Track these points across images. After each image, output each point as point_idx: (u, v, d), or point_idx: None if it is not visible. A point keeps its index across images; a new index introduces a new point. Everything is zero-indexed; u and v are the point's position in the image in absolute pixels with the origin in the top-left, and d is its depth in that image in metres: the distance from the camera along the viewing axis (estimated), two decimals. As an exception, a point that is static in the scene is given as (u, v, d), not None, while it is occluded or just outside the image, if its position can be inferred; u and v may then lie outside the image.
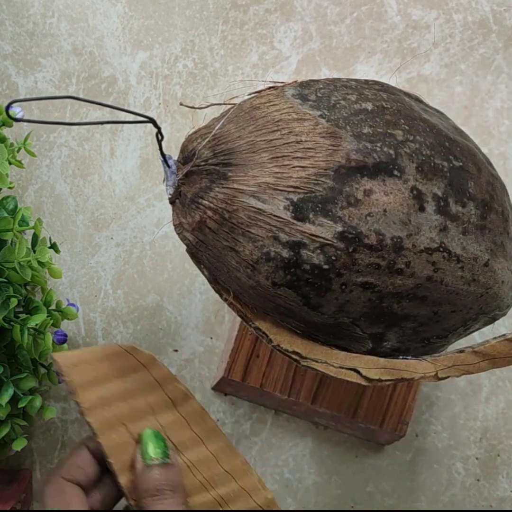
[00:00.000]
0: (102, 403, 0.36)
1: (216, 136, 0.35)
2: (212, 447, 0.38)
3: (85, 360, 0.37)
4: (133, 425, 0.37)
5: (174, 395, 0.38)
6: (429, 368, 0.37)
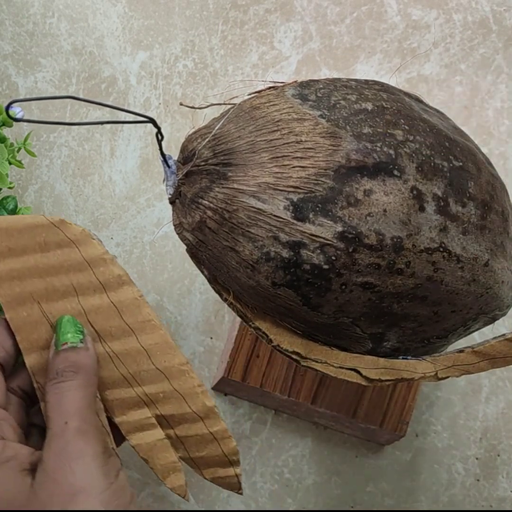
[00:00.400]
0: (13, 276, 0.33)
1: (216, 136, 0.35)
2: (145, 341, 0.35)
3: (1, 229, 0.33)
4: (48, 304, 0.34)
5: (106, 279, 0.34)
6: (429, 368, 0.37)
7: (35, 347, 0.34)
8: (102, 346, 0.35)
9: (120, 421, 0.35)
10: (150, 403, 0.35)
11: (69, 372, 0.33)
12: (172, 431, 0.36)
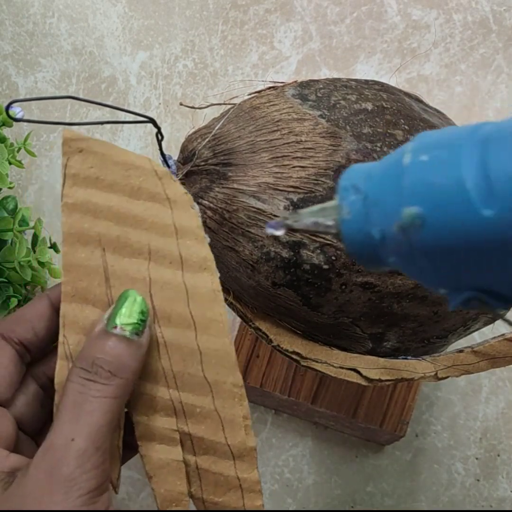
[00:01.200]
0: (88, 208, 0.28)
1: (216, 136, 0.35)
2: (204, 342, 0.29)
3: (98, 152, 0.28)
4: (113, 256, 0.29)
5: (189, 255, 0.29)
6: (429, 368, 0.37)
7: (78, 297, 0.29)
8: (153, 326, 0.29)
9: (139, 420, 0.29)
10: (181, 414, 0.29)
11: (106, 371, 0.27)
12: (194, 458, 0.29)
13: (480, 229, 0.17)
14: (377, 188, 0.20)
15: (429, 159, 0.18)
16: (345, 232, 0.21)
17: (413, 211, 0.18)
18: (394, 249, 0.19)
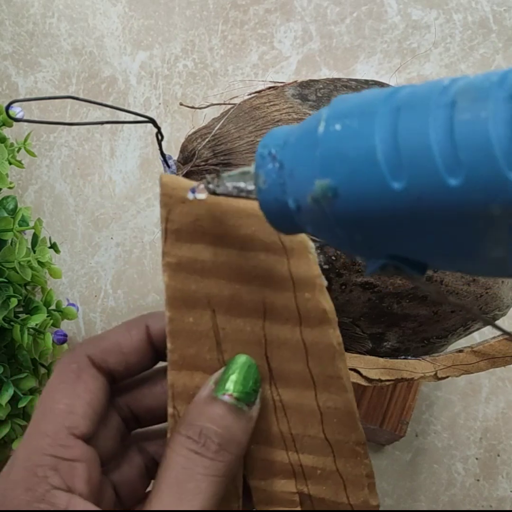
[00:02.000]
0: (195, 268, 0.25)
1: (216, 136, 0.35)
2: (324, 402, 0.26)
3: (203, 202, 0.24)
4: (225, 317, 0.25)
5: (308, 310, 0.25)
6: (429, 368, 0.37)
7: (187, 365, 0.26)
8: (270, 389, 0.26)
9: (256, 485, 0.27)
10: (301, 476, 0.27)
11: (216, 444, 0.24)
12: None
13: (390, 201, 0.17)
14: (292, 157, 0.19)
15: (342, 128, 0.18)
16: (262, 200, 0.21)
17: (325, 183, 0.18)
18: (309, 219, 0.19)
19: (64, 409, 0.24)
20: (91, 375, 0.25)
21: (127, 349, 0.26)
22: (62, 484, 0.23)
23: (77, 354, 0.26)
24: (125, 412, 0.28)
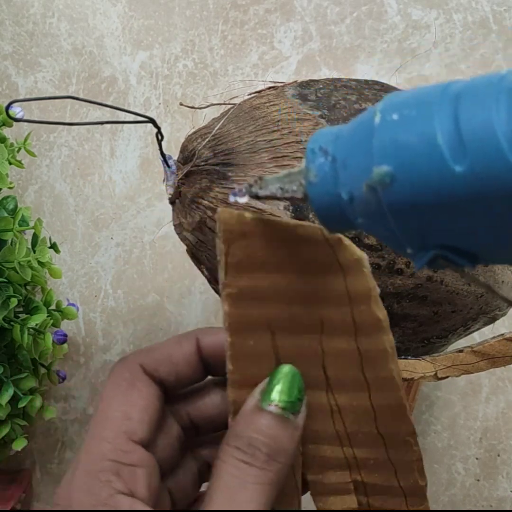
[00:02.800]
0: (255, 296, 0.26)
1: (216, 136, 0.35)
2: (377, 401, 0.27)
3: (263, 233, 0.25)
4: (284, 337, 0.26)
5: (363, 321, 0.26)
6: (429, 368, 0.37)
7: (249, 384, 0.27)
8: (326, 396, 0.27)
9: (313, 479, 0.29)
10: (355, 467, 0.29)
11: (264, 454, 0.24)
12: (366, 499, 0.29)
13: (450, 185, 0.17)
14: (346, 149, 0.20)
15: (399, 118, 0.18)
16: (312, 194, 0.21)
17: (382, 169, 0.18)
18: (362, 209, 0.19)
19: (121, 415, 0.25)
20: (144, 382, 0.26)
21: (178, 360, 0.27)
22: (125, 488, 0.24)
23: (130, 363, 0.26)
24: (185, 420, 0.28)
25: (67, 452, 0.53)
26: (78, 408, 0.54)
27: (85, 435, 0.25)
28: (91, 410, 0.54)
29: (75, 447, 0.53)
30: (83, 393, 0.54)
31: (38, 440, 0.53)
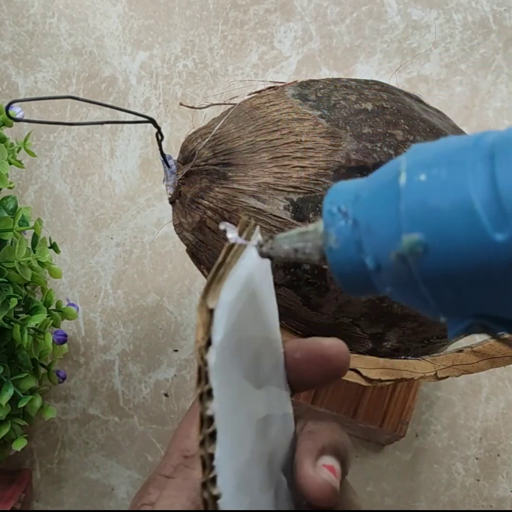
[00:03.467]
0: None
1: (216, 136, 0.35)
2: None
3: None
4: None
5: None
6: (429, 368, 0.37)
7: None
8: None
9: None
10: None
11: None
12: None
13: (490, 254, 0.15)
14: (368, 212, 0.18)
15: (428, 179, 0.16)
16: (333, 261, 0.19)
17: (413, 238, 0.16)
18: (391, 279, 0.18)
19: (182, 434, 0.26)
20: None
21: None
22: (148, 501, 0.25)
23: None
24: None
25: (67, 452, 0.53)
26: (78, 408, 0.54)
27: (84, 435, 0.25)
28: (91, 410, 0.54)
29: (75, 447, 0.53)
30: (83, 393, 0.54)
31: (38, 440, 0.53)
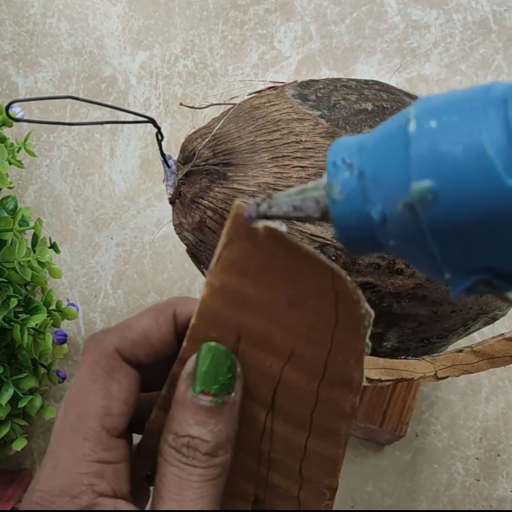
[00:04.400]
0: (236, 299, 0.24)
1: (216, 136, 0.35)
2: (313, 446, 0.26)
3: (268, 245, 0.23)
4: (248, 346, 0.25)
5: (334, 373, 0.25)
6: (429, 368, 0.37)
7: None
8: (265, 416, 0.26)
9: None
10: (263, 486, 0.27)
11: (203, 454, 0.24)
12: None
13: (503, 201, 0.15)
14: (375, 162, 0.17)
15: (439, 125, 0.16)
16: (337, 214, 0.18)
17: (423, 185, 0.16)
18: (396, 231, 0.17)
19: (101, 412, 0.24)
20: (123, 372, 0.25)
21: (156, 340, 0.25)
22: (109, 490, 0.23)
23: (105, 348, 0.25)
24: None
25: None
26: (78, 408, 0.54)
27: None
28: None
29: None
30: (83, 393, 0.54)
31: (38, 440, 0.53)
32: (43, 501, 0.23)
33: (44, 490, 0.23)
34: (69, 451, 0.24)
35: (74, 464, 0.23)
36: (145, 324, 0.26)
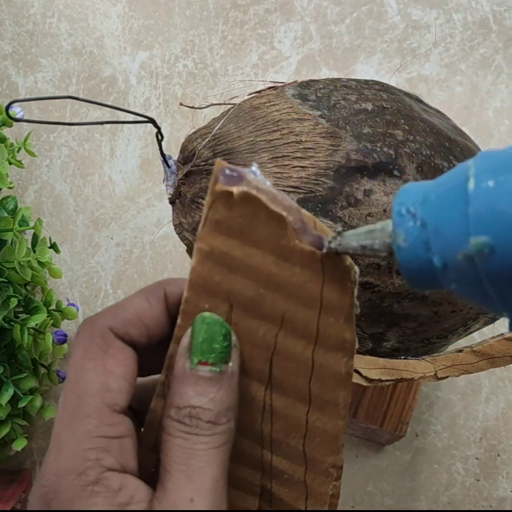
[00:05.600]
0: (225, 262, 0.24)
1: (216, 136, 0.35)
2: (314, 421, 0.26)
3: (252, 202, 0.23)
4: (240, 315, 0.25)
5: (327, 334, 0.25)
6: (429, 368, 0.37)
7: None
8: (264, 392, 0.26)
9: None
10: (268, 473, 0.27)
11: (205, 422, 0.24)
12: (269, 508, 0.28)
13: None
14: (437, 215, 0.19)
15: (496, 185, 0.18)
16: (402, 259, 0.21)
17: (481, 240, 0.18)
18: (457, 276, 0.19)
19: (100, 388, 0.24)
20: (118, 348, 0.25)
21: (148, 320, 0.26)
22: (116, 464, 0.23)
23: (99, 327, 0.25)
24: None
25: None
26: (78, 408, 0.54)
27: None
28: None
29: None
30: (83, 393, 0.54)
31: (38, 440, 0.53)
32: (50, 483, 0.23)
33: (50, 472, 0.23)
34: (72, 431, 0.23)
35: (78, 442, 0.23)
36: (136, 304, 0.26)
